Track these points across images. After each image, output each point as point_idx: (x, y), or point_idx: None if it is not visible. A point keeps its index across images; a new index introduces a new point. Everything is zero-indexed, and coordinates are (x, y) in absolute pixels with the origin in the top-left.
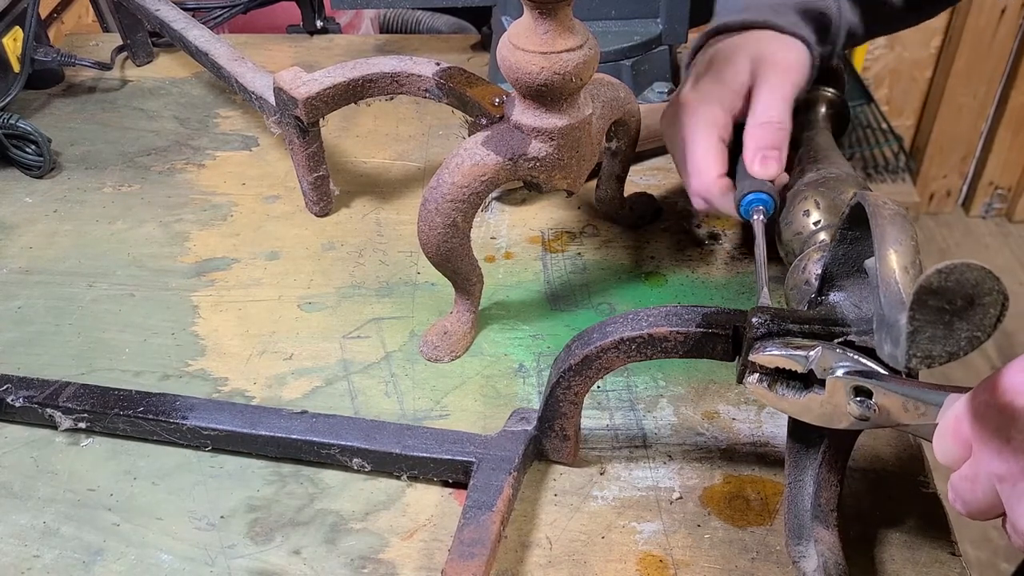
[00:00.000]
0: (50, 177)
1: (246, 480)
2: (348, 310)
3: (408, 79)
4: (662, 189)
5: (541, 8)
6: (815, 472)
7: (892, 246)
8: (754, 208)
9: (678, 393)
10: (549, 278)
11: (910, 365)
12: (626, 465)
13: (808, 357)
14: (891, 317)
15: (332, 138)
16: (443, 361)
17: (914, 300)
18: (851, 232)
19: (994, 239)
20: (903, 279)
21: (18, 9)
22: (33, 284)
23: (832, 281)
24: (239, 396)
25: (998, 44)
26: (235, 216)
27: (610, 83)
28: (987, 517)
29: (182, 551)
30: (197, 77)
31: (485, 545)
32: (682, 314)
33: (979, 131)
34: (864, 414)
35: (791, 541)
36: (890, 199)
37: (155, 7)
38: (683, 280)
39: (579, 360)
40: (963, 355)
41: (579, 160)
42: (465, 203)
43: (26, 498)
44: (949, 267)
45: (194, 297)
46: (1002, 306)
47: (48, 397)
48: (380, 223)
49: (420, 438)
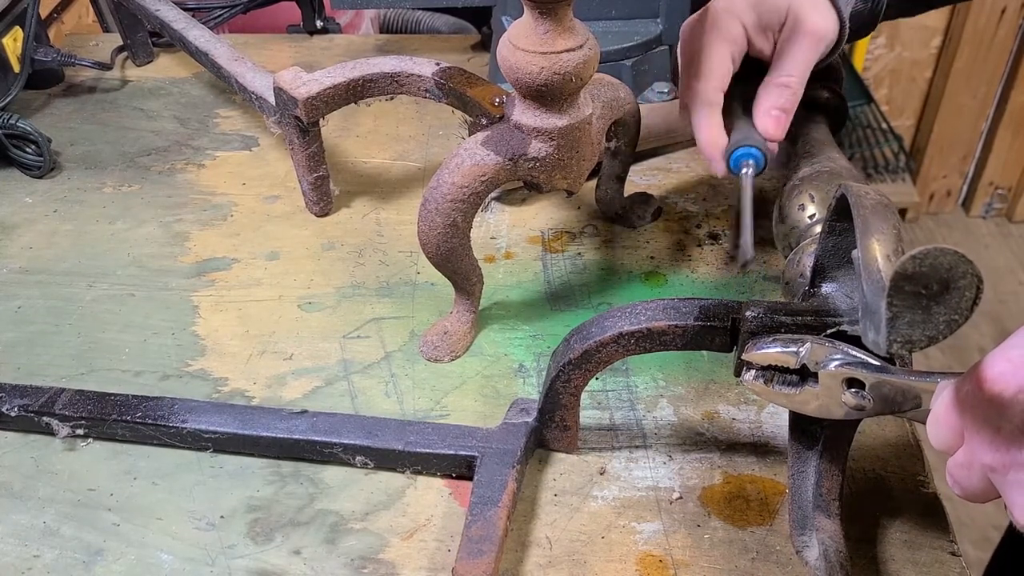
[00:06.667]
0: (50, 177)
1: (246, 480)
2: (348, 310)
3: (408, 79)
4: (662, 189)
5: (541, 8)
6: (816, 463)
7: (874, 235)
8: (744, 162)
9: (678, 393)
10: (549, 278)
11: (891, 350)
12: (626, 465)
13: (799, 353)
14: (874, 304)
15: (332, 138)
16: (443, 361)
17: (891, 286)
18: (839, 224)
19: (994, 239)
20: (885, 267)
21: (18, 9)
22: (33, 284)
23: (824, 272)
24: (239, 396)
25: (998, 44)
26: (235, 216)
27: (610, 83)
28: (985, 500)
29: (182, 551)
30: (197, 77)
31: (493, 541)
32: (680, 307)
33: (979, 131)
34: (859, 404)
35: (795, 532)
36: (873, 189)
37: (155, 7)
38: (683, 280)
39: (578, 355)
40: (942, 338)
41: (579, 160)
42: (465, 203)
43: (26, 498)
44: (923, 252)
45: (194, 297)
46: (977, 288)
47: (44, 405)
48: (380, 223)
49: (422, 434)
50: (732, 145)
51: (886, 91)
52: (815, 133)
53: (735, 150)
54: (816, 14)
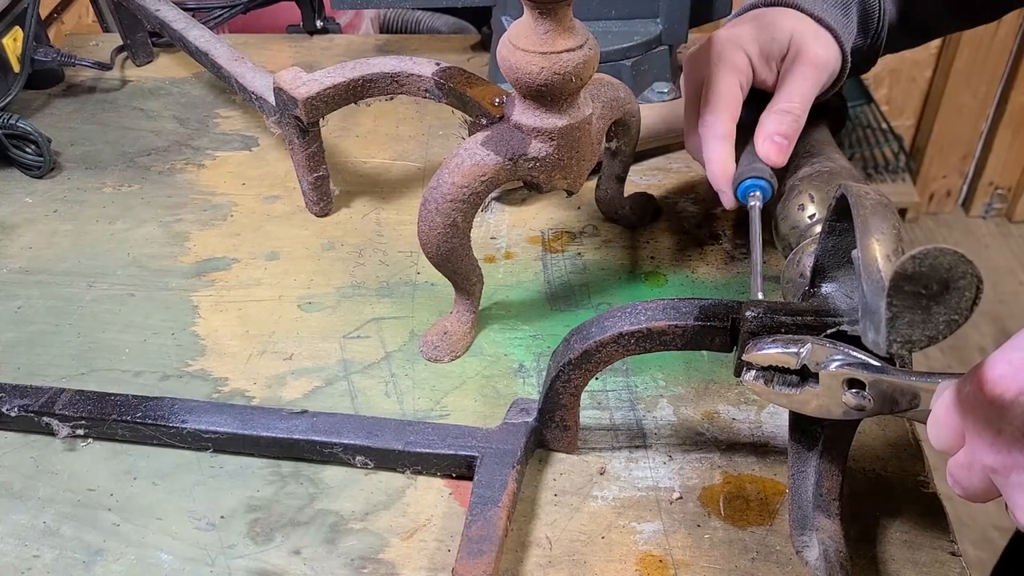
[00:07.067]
0: (50, 177)
1: (246, 480)
2: (348, 310)
3: (408, 79)
4: (662, 189)
5: (541, 8)
6: (816, 463)
7: (874, 235)
8: (751, 193)
9: (678, 393)
10: (549, 278)
11: (891, 351)
12: (626, 465)
13: (799, 353)
14: (873, 304)
15: (332, 138)
16: (443, 361)
17: (891, 286)
18: (839, 224)
19: (994, 239)
20: (885, 267)
21: (18, 9)
22: (33, 284)
23: (824, 273)
24: (239, 396)
25: (998, 44)
26: (235, 216)
27: (610, 83)
28: (986, 500)
29: (182, 551)
30: (197, 77)
31: (493, 541)
32: (680, 307)
33: (979, 131)
34: (860, 404)
35: (795, 532)
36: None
37: (155, 7)
38: (683, 280)
39: (578, 355)
40: (942, 338)
41: (579, 160)
42: (465, 203)
43: (26, 498)
44: (923, 252)
45: (194, 297)
46: (977, 288)
47: (44, 405)
48: (380, 223)
49: (422, 434)
50: (738, 176)
51: (886, 91)
52: (815, 133)
53: (742, 181)
54: (818, 45)
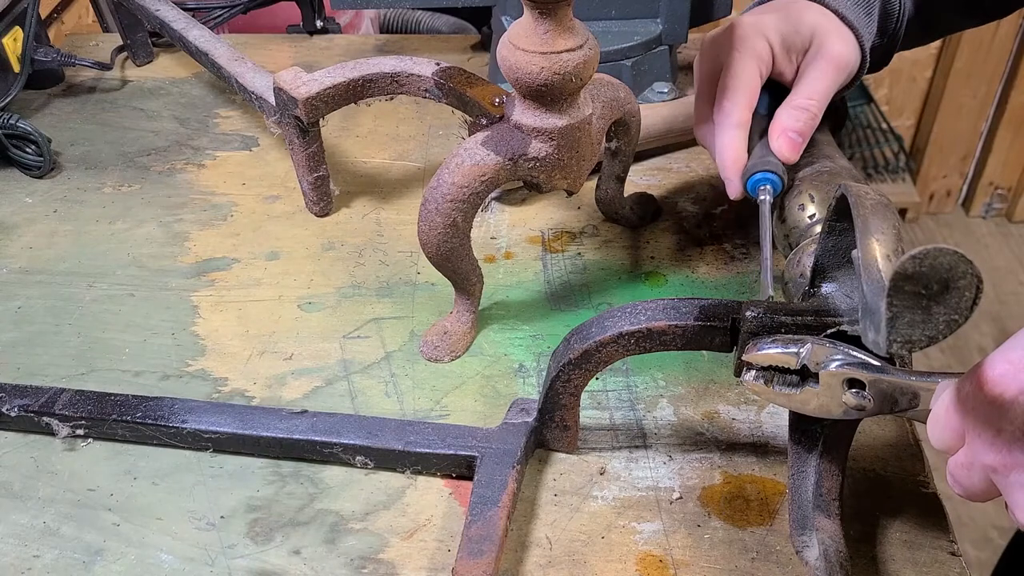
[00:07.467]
0: (50, 177)
1: (246, 480)
2: (348, 310)
3: (408, 79)
4: (662, 189)
5: (541, 8)
6: (816, 462)
7: (874, 235)
8: (761, 187)
9: (678, 393)
10: (549, 278)
11: (891, 350)
12: (626, 465)
13: (799, 353)
14: (873, 304)
15: (332, 138)
16: (443, 361)
17: (891, 286)
18: (839, 224)
19: (994, 239)
20: (885, 267)
21: (18, 9)
22: (33, 284)
23: (824, 272)
24: (239, 396)
25: (998, 44)
26: (235, 216)
27: (610, 83)
28: (986, 499)
29: (182, 551)
30: (197, 77)
31: (493, 541)
32: (680, 307)
33: (979, 131)
34: (860, 404)
35: (795, 532)
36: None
37: (155, 7)
38: (683, 280)
39: (578, 355)
40: (942, 338)
41: (579, 160)
42: (465, 203)
43: (26, 498)
44: (923, 252)
45: (194, 297)
46: (977, 288)
47: (44, 405)
48: (380, 223)
49: (422, 434)
50: (749, 169)
51: (886, 91)
52: (815, 133)
53: (753, 174)
54: (840, 42)
